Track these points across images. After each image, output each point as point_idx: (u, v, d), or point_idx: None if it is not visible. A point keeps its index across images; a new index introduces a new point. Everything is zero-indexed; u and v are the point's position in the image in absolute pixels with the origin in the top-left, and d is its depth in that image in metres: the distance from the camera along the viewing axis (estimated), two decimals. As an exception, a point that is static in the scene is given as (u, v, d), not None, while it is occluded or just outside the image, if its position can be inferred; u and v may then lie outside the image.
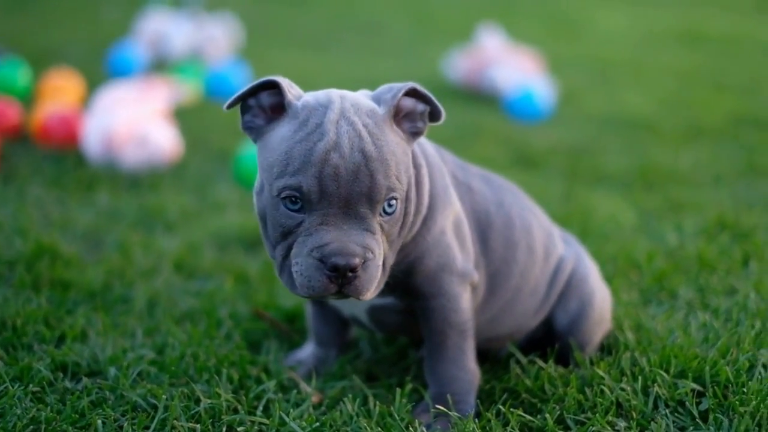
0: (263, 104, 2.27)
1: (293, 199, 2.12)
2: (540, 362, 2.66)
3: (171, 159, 4.89)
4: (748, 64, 9.53)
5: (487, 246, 2.56)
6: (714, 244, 3.83)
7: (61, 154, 4.91)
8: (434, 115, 2.32)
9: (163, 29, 8.26)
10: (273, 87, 2.24)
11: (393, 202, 2.18)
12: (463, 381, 2.49)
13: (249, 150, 4.65)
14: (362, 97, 2.27)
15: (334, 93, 2.25)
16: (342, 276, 2.10)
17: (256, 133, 2.27)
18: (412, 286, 2.43)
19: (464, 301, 2.47)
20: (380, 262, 2.18)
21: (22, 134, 5.24)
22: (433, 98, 2.29)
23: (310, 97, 2.24)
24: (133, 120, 4.79)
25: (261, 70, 7.13)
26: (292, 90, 2.25)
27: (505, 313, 2.64)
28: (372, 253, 2.14)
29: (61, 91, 5.91)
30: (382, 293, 2.39)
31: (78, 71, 6.57)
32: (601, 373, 2.56)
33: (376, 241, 2.16)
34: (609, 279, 3.33)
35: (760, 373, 2.55)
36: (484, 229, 2.56)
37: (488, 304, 2.59)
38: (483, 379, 2.58)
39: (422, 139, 2.44)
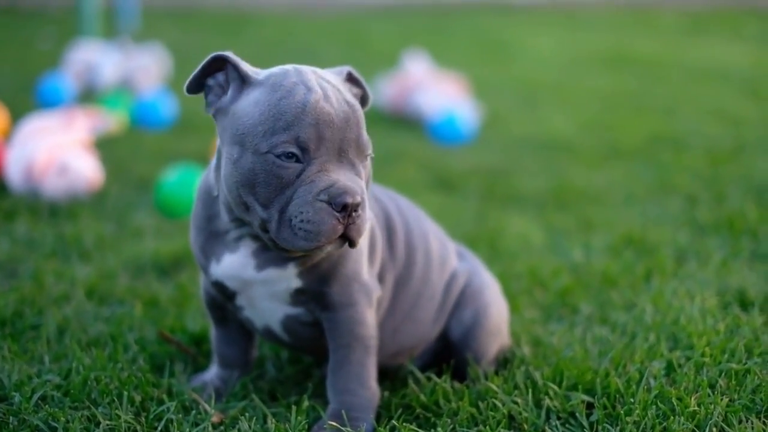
0: (220, 82, 2.37)
1: (289, 153, 2.20)
2: (435, 378, 2.72)
3: (92, 188, 4.91)
4: (671, 87, 9.72)
5: (392, 250, 2.65)
6: (619, 261, 3.93)
7: (-17, 186, 4.92)
8: (364, 101, 2.49)
9: (92, 60, 8.27)
10: (221, 63, 2.35)
11: (368, 158, 2.32)
12: (362, 398, 2.53)
13: (169, 177, 4.69)
14: None
15: (292, 65, 2.36)
16: (348, 215, 2.19)
17: (216, 110, 2.36)
18: (325, 294, 2.49)
19: (370, 316, 2.54)
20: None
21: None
22: (365, 83, 2.47)
23: (270, 69, 2.35)
24: (53, 149, 4.82)
25: (188, 101, 7.17)
26: (242, 64, 2.35)
27: (409, 320, 2.70)
28: (365, 194, 2.25)
29: (-16, 122, 5.91)
30: (294, 304, 2.49)
31: (4, 103, 6.57)
32: (494, 387, 2.63)
33: (364, 186, 2.28)
34: (514, 296, 3.42)
35: (648, 383, 2.63)
36: (389, 235, 2.66)
37: (393, 309, 2.66)
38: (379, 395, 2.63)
39: None
